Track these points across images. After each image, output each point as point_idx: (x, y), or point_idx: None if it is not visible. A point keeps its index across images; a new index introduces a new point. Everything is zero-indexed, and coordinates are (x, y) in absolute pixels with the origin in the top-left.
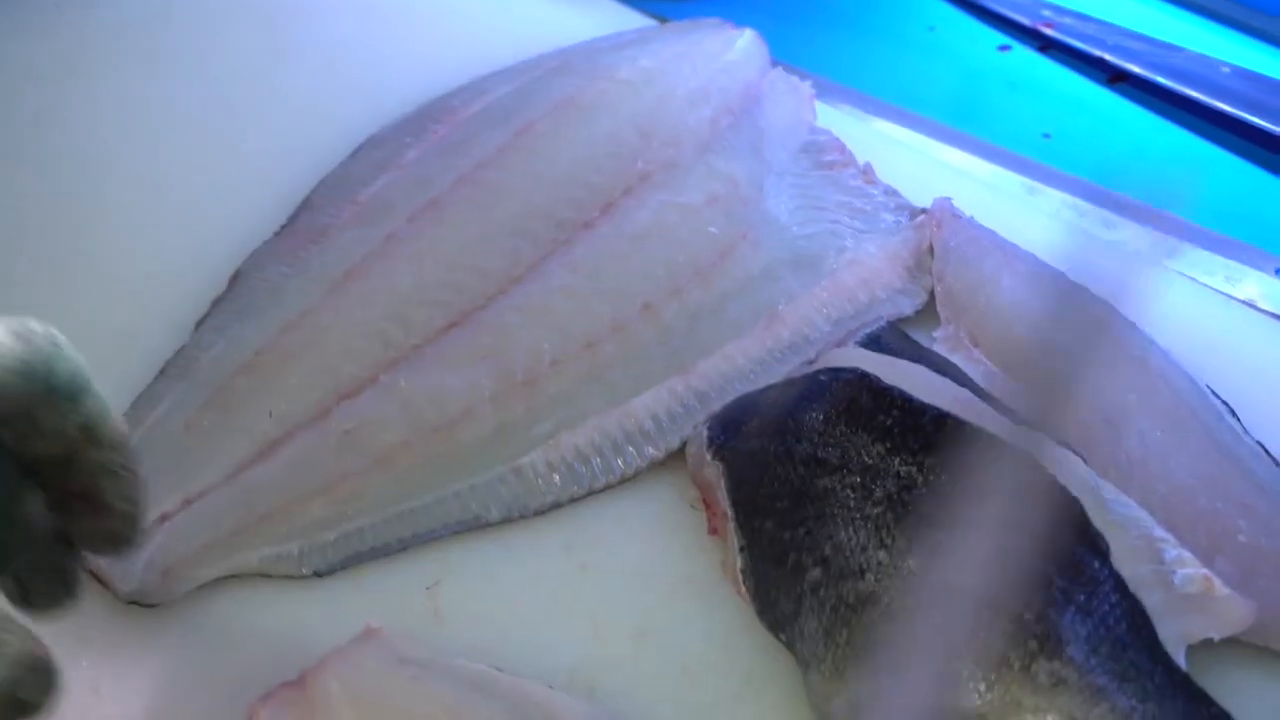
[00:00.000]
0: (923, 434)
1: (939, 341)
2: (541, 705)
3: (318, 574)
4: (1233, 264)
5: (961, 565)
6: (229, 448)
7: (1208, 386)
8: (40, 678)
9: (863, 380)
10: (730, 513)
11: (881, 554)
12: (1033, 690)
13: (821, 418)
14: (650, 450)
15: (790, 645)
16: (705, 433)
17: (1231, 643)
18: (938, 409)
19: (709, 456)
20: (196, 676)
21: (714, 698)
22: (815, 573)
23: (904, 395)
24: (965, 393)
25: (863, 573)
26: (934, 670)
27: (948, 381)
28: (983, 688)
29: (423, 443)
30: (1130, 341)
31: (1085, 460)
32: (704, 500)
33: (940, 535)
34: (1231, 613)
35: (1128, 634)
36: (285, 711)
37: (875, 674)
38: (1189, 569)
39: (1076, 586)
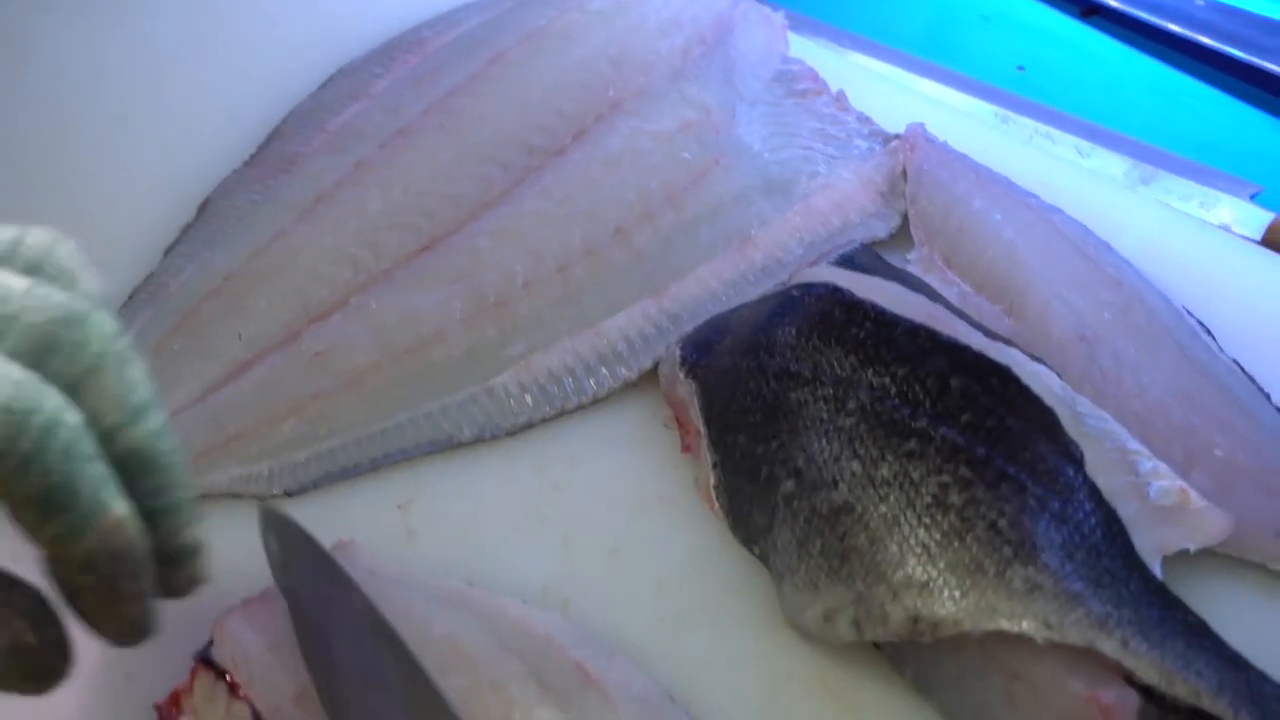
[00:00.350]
0: (896, 346)
1: (913, 264)
2: (513, 618)
3: (288, 494)
4: (1207, 190)
5: (934, 474)
6: (198, 370)
7: (1183, 307)
8: (28, 663)
9: (835, 294)
10: (703, 430)
11: (854, 464)
12: (1008, 596)
13: (794, 332)
14: (623, 371)
15: (764, 558)
16: (678, 352)
17: (1207, 554)
18: (911, 321)
19: (682, 375)
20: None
21: (688, 611)
22: (788, 485)
23: (877, 308)
24: (939, 308)
25: (835, 483)
26: (908, 577)
27: (921, 298)
28: (957, 594)
29: (394, 364)
30: (1104, 261)
31: (1060, 376)
32: (677, 419)
33: (912, 445)
34: (1207, 524)
35: (1103, 542)
36: (249, 624)
37: (850, 583)
38: (1165, 481)
39: (1051, 494)
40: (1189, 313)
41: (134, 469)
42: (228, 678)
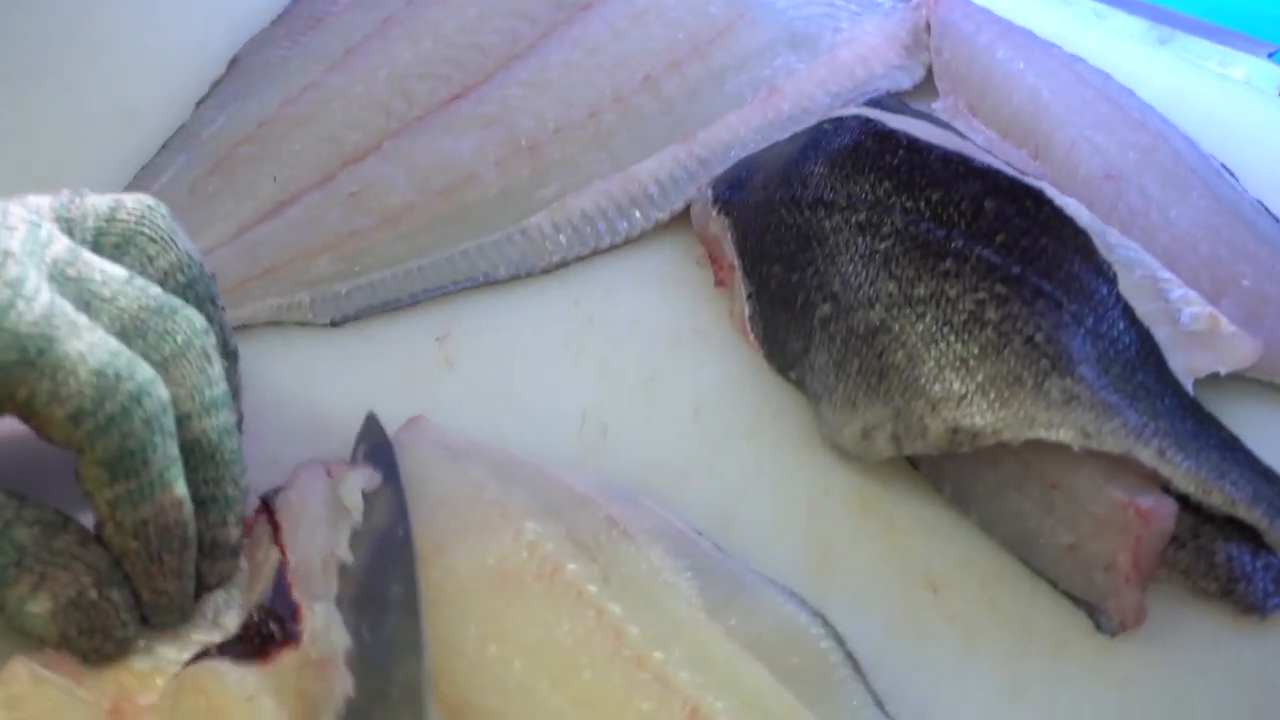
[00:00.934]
0: (929, 171)
1: (938, 112)
2: (554, 480)
3: (332, 323)
4: (1225, 50)
5: (970, 291)
6: (233, 209)
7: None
8: (87, 618)
9: (867, 125)
10: (737, 263)
11: (890, 285)
12: (1046, 406)
13: (827, 162)
14: (654, 213)
15: (800, 383)
16: (709, 191)
17: (1236, 378)
18: (944, 147)
19: (714, 212)
20: None
21: (726, 435)
22: (825, 309)
23: (910, 136)
24: (968, 143)
25: (872, 304)
26: (946, 391)
27: (950, 133)
28: (996, 405)
29: (428, 204)
30: (1129, 105)
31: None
32: (709, 256)
33: (948, 265)
34: (1237, 348)
35: (1137, 358)
36: (316, 479)
37: (888, 399)
38: (1195, 307)
39: (1087, 310)
40: (1212, 157)
41: (196, 458)
42: (276, 520)
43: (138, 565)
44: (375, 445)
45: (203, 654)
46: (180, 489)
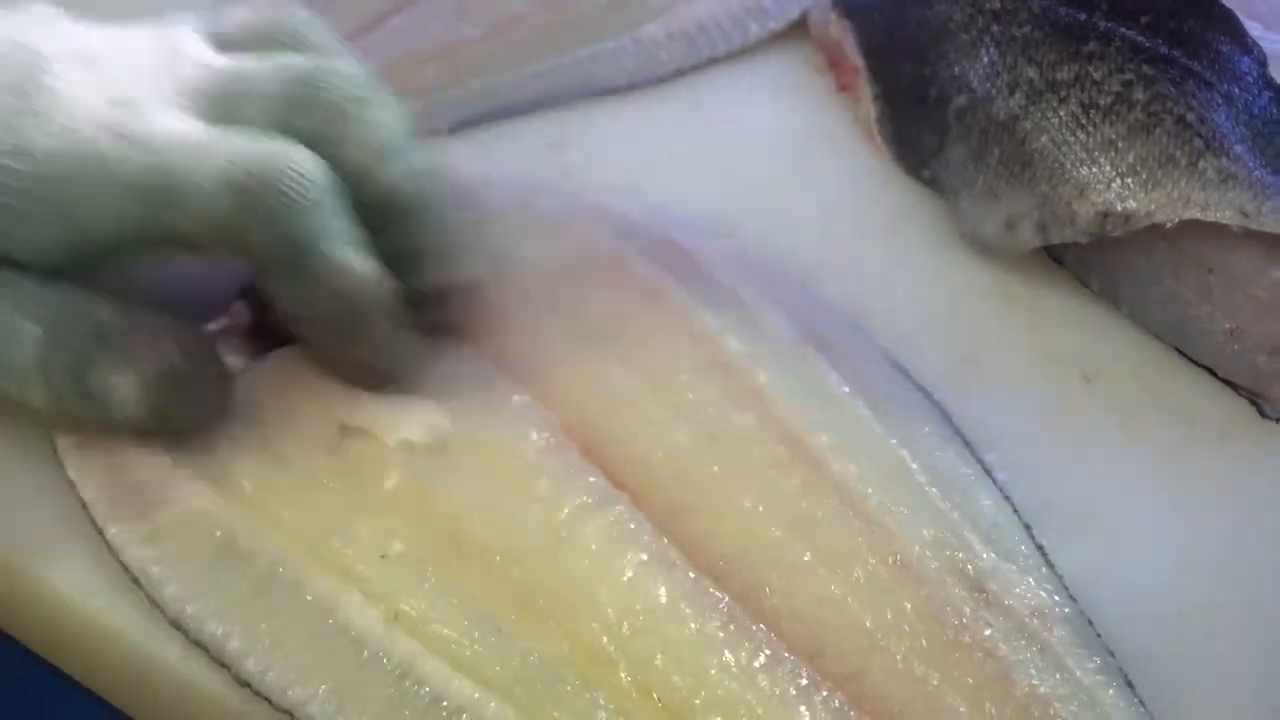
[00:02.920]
0: None
1: None
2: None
3: (449, 130)
4: None
5: (1116, 73)
6: (331, 23)
7: None
8: (177, 388)
9: None
10: (862, 64)
11: (1031, 70)
12: (1201, 186)
13: None
14: (769, 23)
15: (934, 180)
16: None
17: None
18: None
19: (834, 16)
20: None
21: (859, 236)
22: (960, 100)
23: None
24: None
25: (1012, 91)
26: (1095, 174)
27: None
28: (1149, 186)
29: (537, 13)
30: None
31: None
32: (829, 62)
33: (1092, 47)
34: None
35: None
36: None
37: (1033, 187)
38: None
39: (1238, 90)
40: None
41: (387, 211)
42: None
43: (334, 341)
44: None
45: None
46: (357, 264)
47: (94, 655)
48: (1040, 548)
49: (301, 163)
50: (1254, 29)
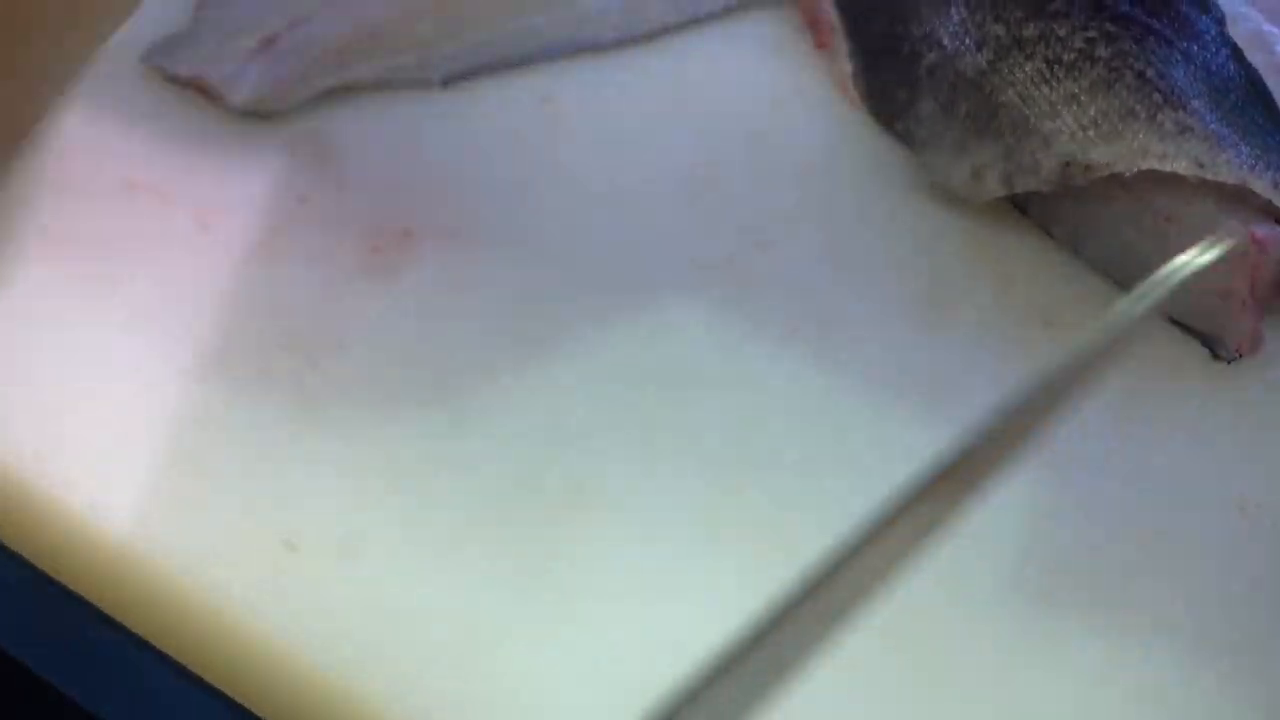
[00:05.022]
0: None
1: None
2: None
3: (443, 83)
4: None
5: (1080, 30)
6: None
7: None
8: None
9: None
10: (838, 21)
11: (998, 28)
12: (1160, 137)
13: None
14: None
15: (906, 134)
16: None
17: None
18: None
19: None
20: (309, 195)
21: (833, 187)
22: (931, 56)
23: None
24: None
25: (980, 47)
26: (1058, 126)
27: None
28: (1110, 137)
29: None
30: None
31: None
32: (809, 20)
33: (1057, 5)
34: None
35: (1248, 97)
36: None
37: (998, 138)
38: None
39: (1196, 47)
40: None
41: None
42: None
43: None
44: None
45: None
46: None
47: None
48: None
49: None
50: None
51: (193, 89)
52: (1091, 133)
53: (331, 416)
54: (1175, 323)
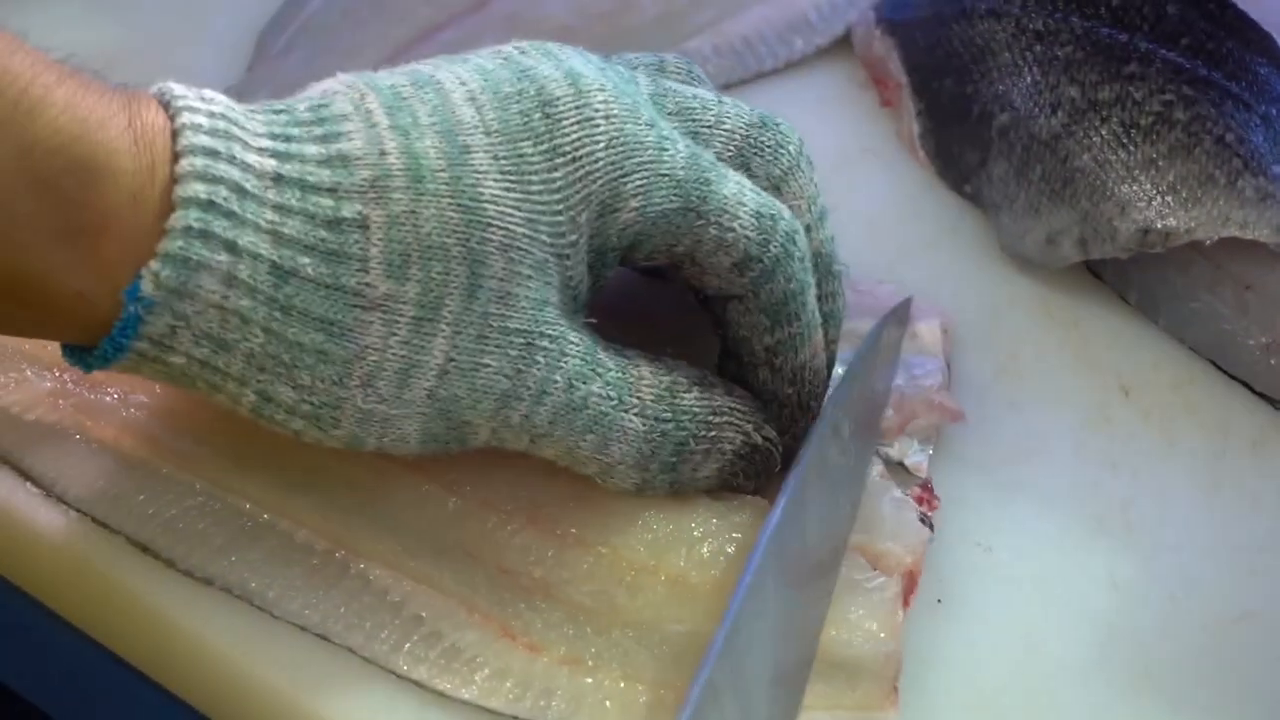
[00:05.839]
0: None
1: None
2: None
3: None
4: None
5: (1157, 94)
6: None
7: None
8: (755, 462)
9: None
10: (905, 80)
11: (1073, 90)
12: (1240, 204)
13: None
14: (815, 39)
15: (976, 196)
16: (873, 12)
17: None
18: None
19: (879, 33)
20: None
21: (902, 249)
22: (1003, 118)
23: None
24: None
25: (1055, 110)
26: (1135, 192)
27: None
28: (1188, 204)
29: (587, 28)
30: None
31: None
32: (873, 77)
33: (1133, 68)
34: None
35: None
36: None
37: (1074, 203)
38: None
39: (1276, 112)
40: None
41: (818, 273)
42: None
43: (787, 411)
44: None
45: None
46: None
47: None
48: None
49: (791, 214)
50: None
51: None
52: (1170, 199)
53: None
54: (1257, 393)
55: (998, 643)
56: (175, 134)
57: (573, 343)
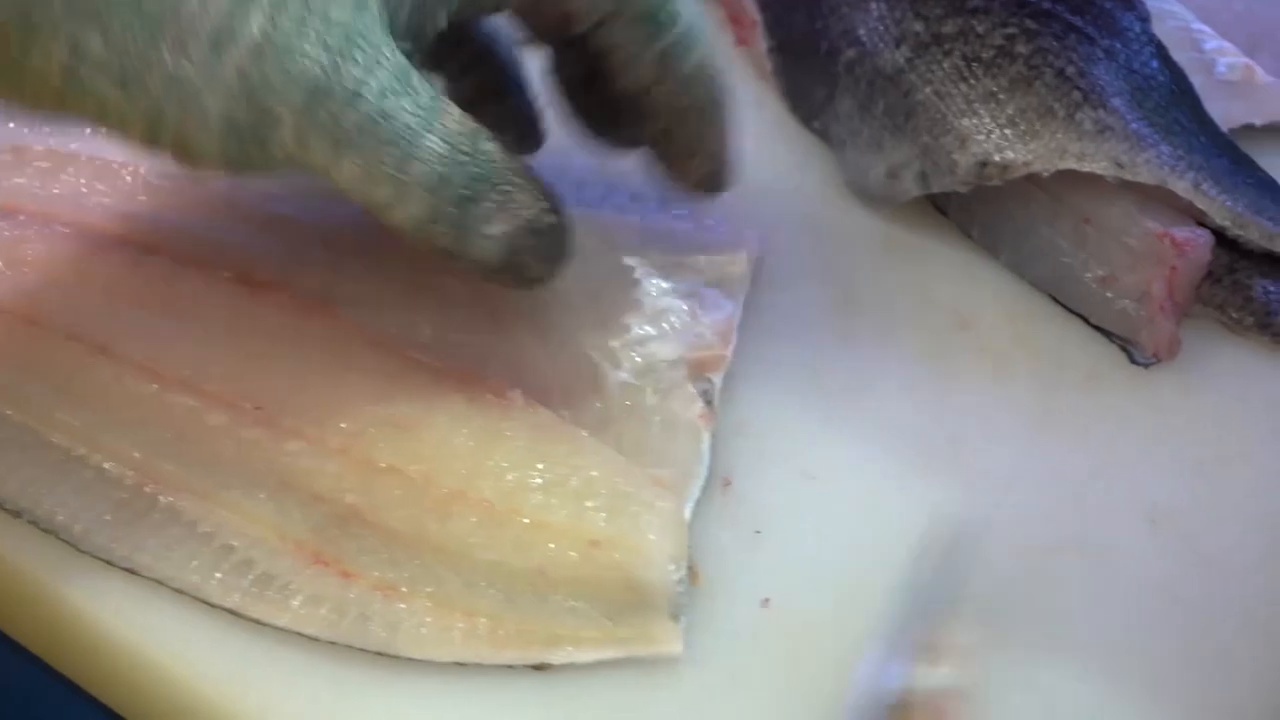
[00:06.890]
0: None
1: None
2: None
3: None
4: None
5: (999, 27)
6: None
7: None
8: (544, 244)
9: None
10: (759, 17)
11: (918, 25)
12: (1078, 137)
13: None
14: None
15: (824, 132)
16: None
17: (1273, 131)
18: None
19: None
20: None
21: (752, 184)
22: (850, 53)
23: None
24: None
25: (898, 44)
26: (975, 125)
27: None
28: (1027, 137)
29: None
30: None
31: None
32: (729, 16)
33: (977, 2)
34: (1274, 99)
35: (1171, 96)
36: None
37: (915, 137)
38: (1230, 58)
39: (1119, 45)
40: None
41: (668, 100)
42: None
43: (690, 130)
44: None
45: None
46: None
47: None
48: None
49: None
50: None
51: None
52: (1009, 131)
53: None
54: (1093, 326)
55: (814, 574)
56: None
57: (388, 56)
